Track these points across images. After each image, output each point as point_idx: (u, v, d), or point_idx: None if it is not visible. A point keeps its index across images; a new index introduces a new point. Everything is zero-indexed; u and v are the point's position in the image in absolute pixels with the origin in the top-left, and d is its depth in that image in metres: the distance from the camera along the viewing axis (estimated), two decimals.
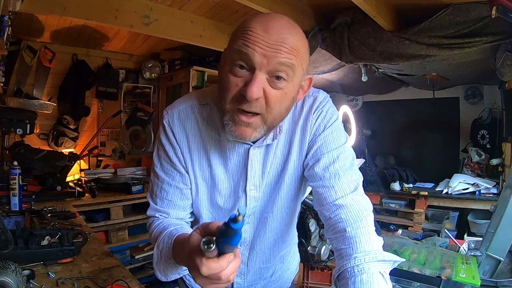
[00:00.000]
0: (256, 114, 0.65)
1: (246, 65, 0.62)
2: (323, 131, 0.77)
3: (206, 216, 0.85)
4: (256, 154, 0.78)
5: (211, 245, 0.51)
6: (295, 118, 0.79)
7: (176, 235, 0.69)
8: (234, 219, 0.47)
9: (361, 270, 0.63)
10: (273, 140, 0.77)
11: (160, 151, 0.80)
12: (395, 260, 0.66)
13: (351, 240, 0.67)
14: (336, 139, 0.77)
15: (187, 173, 0.79)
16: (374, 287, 0.61)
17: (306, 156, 0.79)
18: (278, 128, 0.76)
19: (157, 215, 0.82)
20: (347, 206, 0.71)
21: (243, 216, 0.47)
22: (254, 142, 0.76)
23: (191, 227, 0.89)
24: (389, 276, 0.66)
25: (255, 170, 0.79)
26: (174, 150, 0.78)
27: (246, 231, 0.85)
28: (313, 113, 0.78)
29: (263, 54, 0.61)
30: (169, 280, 0.74)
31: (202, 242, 0.51)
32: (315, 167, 0.75)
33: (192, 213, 0.86)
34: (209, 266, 0.51)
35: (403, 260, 0.69)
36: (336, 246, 0.70)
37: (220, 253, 0.52)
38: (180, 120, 0.78)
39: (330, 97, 0.83)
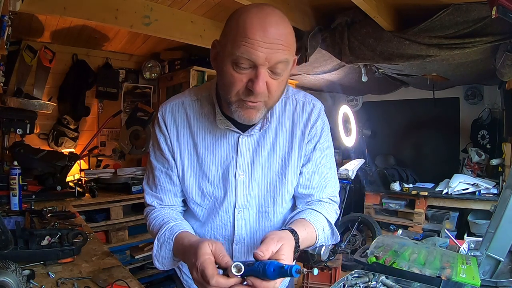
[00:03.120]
0: (260, 101, 0.72)
1: (249, 64, 0.67)
2: (319, 141, 0.86)
3: (194, 205, 0.88)
4: (245, 142, 0.83)
5: (240, 270, 0.60)
6: (294, 120, 0.86)
7: (177, 232, 0.77)
8: (298, 271, 0.56)
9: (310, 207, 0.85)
10: (260, 130, 0.83)
11: (153, 140, 0.88)
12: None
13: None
14: (328, 149, 0.89)
15: (174, 160, 0.85)
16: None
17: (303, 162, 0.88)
18: (265, 119, 0.82)
19: (153, 203, 0.88)
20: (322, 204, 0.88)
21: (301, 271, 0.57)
22: (243, 132, 0.82)
23: (185, 217, 0.92)
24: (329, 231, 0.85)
25: (244, 158, 0.84)
26: (164, 138, 0.85)
27: (242, 227, 0.87)
28: (313, 121, 0.85)
29: (265, 56, 0.66)
30: (166, 269, 0.82)
31: (232, 266, 0.60)
32: (311, 178, 0.88)
33: (184, 201, 0.91)
34: (218, 280, 0.60)
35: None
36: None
37: None
38: (172, 113, 0.85)
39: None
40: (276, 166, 0.85)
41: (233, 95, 0.71)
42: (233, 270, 0.59)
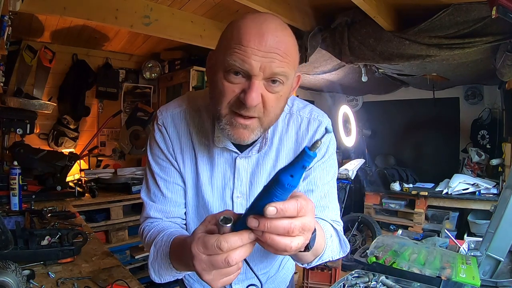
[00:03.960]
0: (254, 117, 0.65)
1: (242, 72, 0.62)
2: (320, 159, 0.79)
3: (191, 220, 0.85)
4: (243, 163, 0.79)
5: (230, 222, 0.48)
6: (298, 139, 0.80)
7: (175, 235, 0.70)
8: (313, 145, 0.41)
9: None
10: (258, 151, 0.78)
11: (155, 150, 0.82)
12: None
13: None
14: (329, 168, 0.81)
15: (179, 171, 0.81)
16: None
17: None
18: (264, 140, 0.77)
19: (153, 215, 0.82)
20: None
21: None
22: (241, 152, 0.78)
23: None
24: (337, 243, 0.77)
25: (242, 179, 0.80)
26: (168, 148, 0.80)
27: None
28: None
29: (259, 65, 0.60)
30: (162, 282, 0.71)
31: (220, 219, 0.48)
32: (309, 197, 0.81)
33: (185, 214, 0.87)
34: (228, 239, 0.46)
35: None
36: None
37: None
38: (174, 123, 0.80)
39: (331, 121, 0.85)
40: None
41: (223, 107, 0.64)
42: (220, 223, 0.48)
